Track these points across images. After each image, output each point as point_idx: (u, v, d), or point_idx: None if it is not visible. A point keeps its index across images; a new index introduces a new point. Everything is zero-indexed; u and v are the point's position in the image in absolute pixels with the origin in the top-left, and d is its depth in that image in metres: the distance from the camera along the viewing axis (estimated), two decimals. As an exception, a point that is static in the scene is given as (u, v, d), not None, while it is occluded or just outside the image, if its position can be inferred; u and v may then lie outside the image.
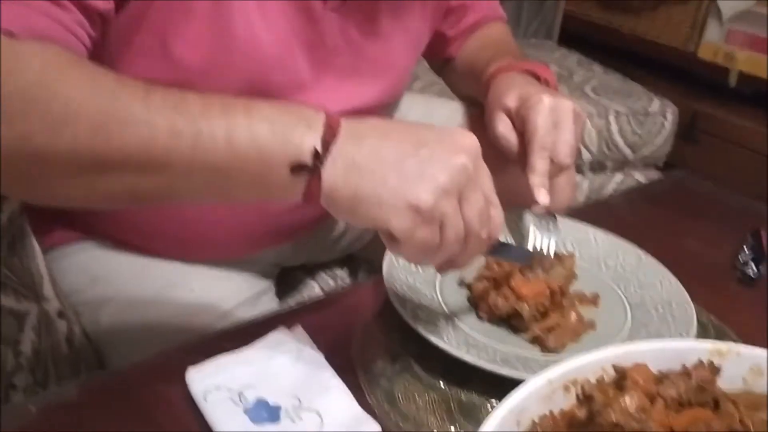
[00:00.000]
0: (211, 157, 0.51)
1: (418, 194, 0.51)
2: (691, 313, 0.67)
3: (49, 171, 0.51)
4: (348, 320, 0.69)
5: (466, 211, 0.54)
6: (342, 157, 0.52)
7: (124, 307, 0.77)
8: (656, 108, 1.66)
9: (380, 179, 0.52)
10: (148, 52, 0.65)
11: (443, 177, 0.52)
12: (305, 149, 0.52)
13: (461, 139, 0.54)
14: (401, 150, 0.53)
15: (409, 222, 0.52)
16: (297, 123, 0.53)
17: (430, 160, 0.52)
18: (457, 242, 0.54)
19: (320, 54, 0.73)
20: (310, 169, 0.52)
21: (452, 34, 0.95)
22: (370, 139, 0.53)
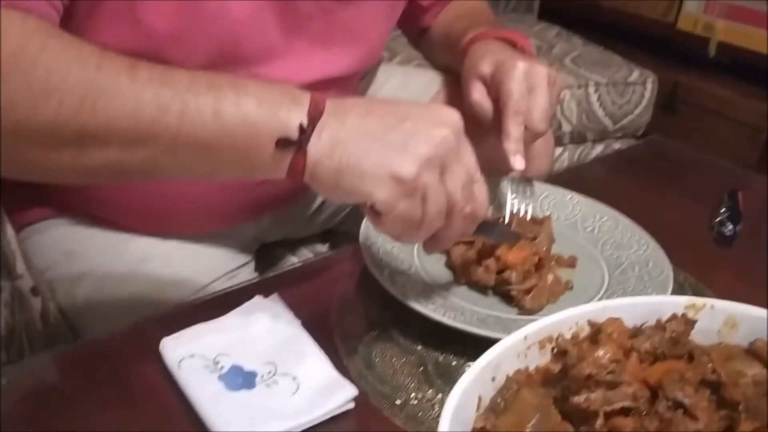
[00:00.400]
0: (198, 131, 0.51)
1: (400, 164, 0.51)
2: (668, 272, 0.67)
3: (31, 143, 0.50)
4: (326, 288, 0.69)
5: (448, 184, 0.53)
6: (327, 132, 0.52)
7: (99, 282, 0.76)
8: (636, 78, 1.66)
9: (363, 151, 0.52)
10: (115, 18, 0.64)
11: (425, 148, 0.52)
12: (291, 124, 0.52)
13: (444, 113, 0.54)
14: (385, 123, 0.53)
15: (391, 193, 0.51)
16: (283, 99, 0.53)
17: (413, 132, 0.52)
18: (440, 216, 0.54)
19: (292, 19, 0.72)
20: (295, 144, 0.52)
21: (427, 4, 0.95)
22: (354, 114, 0.53)
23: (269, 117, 0.52)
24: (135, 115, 0.50)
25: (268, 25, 0.71)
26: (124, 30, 0.65)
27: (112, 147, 0.51)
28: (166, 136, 0.51)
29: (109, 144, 0.51)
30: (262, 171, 0.54)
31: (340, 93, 0.83)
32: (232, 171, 0.55)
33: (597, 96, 1.59)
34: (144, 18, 0.64)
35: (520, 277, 0.65)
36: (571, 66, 1.65)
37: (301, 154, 0.52)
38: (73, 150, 0.51)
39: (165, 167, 0.54)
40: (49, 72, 0.48)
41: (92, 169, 0.53)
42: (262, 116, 0.52)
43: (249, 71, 0.71)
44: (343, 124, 0.53)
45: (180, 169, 0.55)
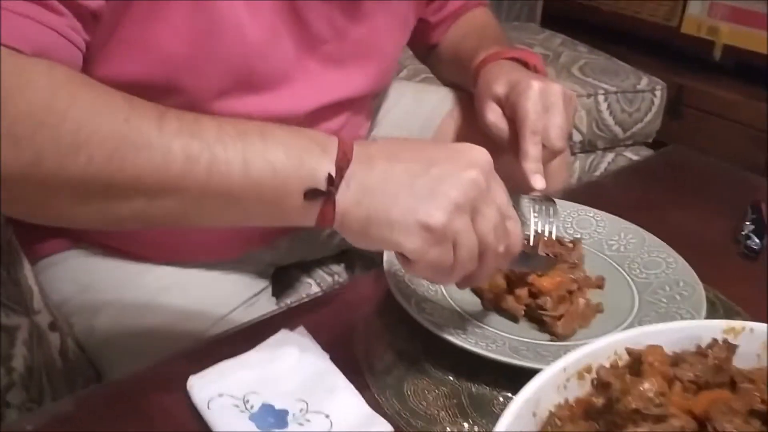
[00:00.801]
0: (226, 183, 0.50)
1: (429, 212, 0.50)
2: (700, 291, 0.66)
3: (58, 196, 0.49)
4: (350, 317, 0.67)
5: (480, 227, 0.52)
6: (354, 181, 0.52)
7: (117, 314, 0.75)
8: (644, 85, 1.64)
9: (391, 200, 0.51)
10: (131, 44, 0.63)
11: (454, 193, 0.51)
12: (320, 175, 0.51)
13: (471, 153, 0.53)
14: (411, 170, 0.52)
15: (421, 242, 0.51)
16: (312, 148, 0.52)
17: (441, 177, 0.51)
18: (472, 260, 0.53)
19: (305, 41, 0.71)
20: (324, 194, 0.51)
21: (435, 21, 0.94)
22: (381, 161, 0.52)
23: (297, 167, 0.51)
24: (163, 168, 0.49)
25: (282, 47, 0.70)
26: (138, 57, 0.64)
27: (140, 199, 0.50)
28: (194, 188, 0.50)
29: (137, 196, 0.50)
30: (290, 220, 0.54)
31: (354, 114, 0.82)
32: (260, 220, 0.55)
33: (606, 104, 1.58)
34: (157, 43, 0.63)
35: (555, 302, 0.64)
36: (578, 75, 1.64)
37: (330, 203, 0.52)
38: (101, 202, 0.50)
39: (192, 217, 0.53)
40: (79, 126, 0.48)
41: (119, 219, 0.52)
42: (290, 167, 0.51)
43: (263, 95, 0.70)
44: (370, 171, 0.52)
45: (207, 219, 0.55)
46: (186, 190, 0.50)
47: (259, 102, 0.70)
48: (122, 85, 0.51)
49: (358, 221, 0.52)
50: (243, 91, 0.69)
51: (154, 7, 0.62)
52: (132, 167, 0.49)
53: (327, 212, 0.52)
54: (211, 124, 0.51)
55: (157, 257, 0.78)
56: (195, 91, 0.66)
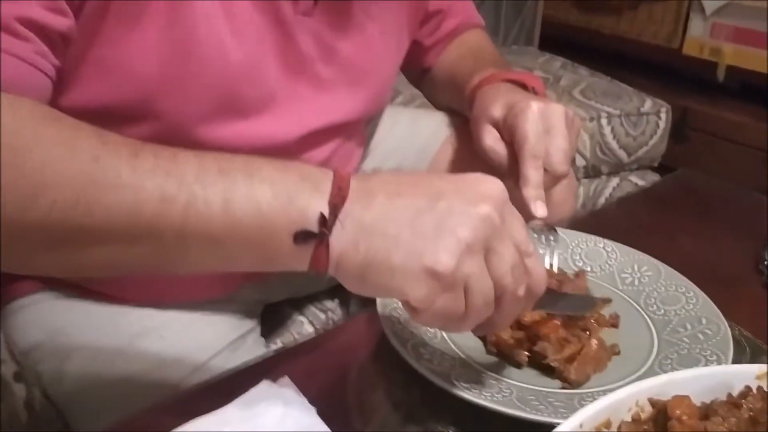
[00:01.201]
0: (206, 225, 0.45)
1: (435, 256, 0.44)
2: (726, 330, 0.60)
3: (21, 243, 0.44)
4: (341, 363, 0.61)
5: (495, 268, 0.47)
6: (351, 221, 0.46)
7: (89, 360, 0.69)
8: (649, 107, 1.60)
9: (392, 242, 0.45)
10: (103, 66, 0.58)
11: (464, 232, 0.45)
12: (311, 215, 0.46)
13: (482, 185, 0.48)
14: (415, 206, 0.46)
15: (427, 289, 0.45)
16: (301, 184, 0.46)
17: (448, 213, 0.45)
18: (487, 305, 0.47)
19: (293, 62, 0.66)
20: (316, 236, 0.46)
21: (429, 43, 0.90)
22: (381, 196, 0.47)
23: (285, 207, 0.45)
24: (135, 211, 0.44)
25: (268, 68, 0.65)
26: (111, 80, 0.59)
27: (111, 245, 0.45)
28: (170, 232, 0.45)
29: (108, 242, 0.45)
30: (280, 265, 0.48)
31: (345, 139, 0.77)
32: (246, 265, 0.49)
33: (610, 128, 1.53)
34: (131, 65, 0.58)
35: (556, 347, 0.58)
36: (580, 98, 1.59)
37: (323, 246, 0.46)
38: (68, 249, 0.45)
39: (170, 263, 0.48)
40: (43, 166, 0.42)
41: (89, 267, 0.47)
42: (277, 206, 0.45)
43: (249, 120, 0.65)
44: (367, 209, 0.46)
45: (187, 265, 0.49)
46: (161, 234, 0.44)
47: (245, 127, 0.65)
48: (95, 110, 0.47)
49: (355, 266, 0.46)
50: (227, 115, 0.64)
51: (127, 25, 0.57)
52: (101, 211, 0.43)
53: (320, 256, 0.46)
54: (190, 161, 0.46)
55: (134, 299, 0.72)
56: (173, 115, 0.61)
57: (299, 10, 0.65)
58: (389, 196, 0.47)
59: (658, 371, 0.57)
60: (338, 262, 0.46)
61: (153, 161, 0.44)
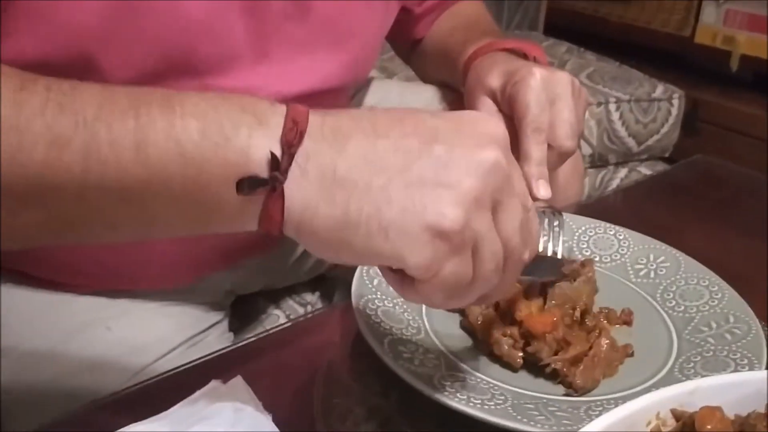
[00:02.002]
0: (113, 175, 0.36)
1: (440, 210, 0.36)
2: (758, 329, 0.52)
3: None
4: (307, 362, 0.53)
5: (504, 226, 0.38)
6: (316, 166, 0.37)
7: (25, 354, 0.61)
8: (660, 93, 1.52)
9: (381, 194, 0.36)
10: (33, 15, 0.50)
11: (470, 182, 0.37)
12: (255, 155, 0.36)
13: (484, 125, 0.39)
14: (405, 149, 0.37)
15: (432, 252, 0.36)
16: (240, 116, 0.37)
17: (449, 159, 0.37)
18: (497, 271, 0.39)
19: (262, 18, 0.58)
20: (265, 183, 0.36)
21: (420, 11, 0.82)
22: (357, 136, 0.37)
23: (219, 147, 0.36)
24: (20, 159, 0.35)
25: (232, 24, 0.56)
26: (43, 31, 0.50)
27: None
28: (68, 186, 0.36)
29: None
30: (221, 223, 0.39)
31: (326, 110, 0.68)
32: (175, 226, 0.40)
33: (619, 114, 1.45)
34: (66, 14, 0.50)
35: (553, 347, 0.49)
36: (587, 82, 1.51)
37: (276, 197, 0.37)
38: None
39: (74, 227, 0.38)
40: None
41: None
42: (208, 147, 0.36)
43: (207, 81, 0.56)
44: (341, 152, 0.37)
45: (96, 229, 0.39)
46: (56, 189, 0.36)
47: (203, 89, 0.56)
48: (26, 65, 0.38)
49: (328, 225, 0.37)
50: (181, 77, 0.56)
51: None
52: None
53: (273, 211, 0.37)
54: (94, 94, 0.37)
55: (80, 285, 0.64)
56: (116, 73, 0.53)
57: (270, -43, 0.57)
58: (367, 137, 0.37)
59: (679, 376, 0.49)
60: (300, 219, 0.37)
61: (44, 95, 0.36)
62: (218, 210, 0.38)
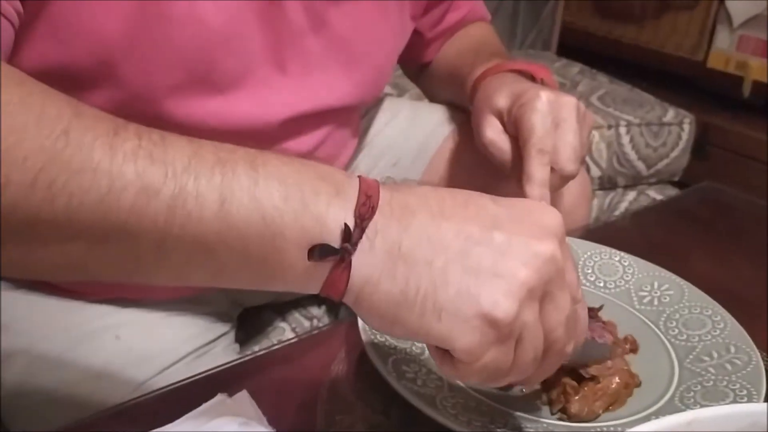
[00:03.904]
0: (195, 227, 0.36)
1: (494, 299, 0.37)
2: (758, 361, 0.52)
3: None
4: (311, 378, 0.54)
5: (549, 319, 0.39)
6: (383, 241, 0.38)
7: (34, 361, 0.62)
8: (671, 117, 1.51)
9: (439, 275, 0.37)
10: (57, 23, 0.51)
11: (527, 274, 0.37)
12: (330, 224, 0.37)
13: (543, 216, 0.40)
14: (466, 233, 0.38)
15: (480, 338, 0.37)
16: (319, 185, 0.38)
17: (507, 248, 0.38)
18: (535, 361, 0.39)
19: (280, 31, 0.59)
20: (336, 253, 0.37)
21: (431, 35, 0.83)
22: (422, 215, 0.38)
23: (297, 212, 0.37)
24: (109, 201, 0.35)
25: (251, 38, 0.57)
26: (66, 37, 0.51)
27: (76, 242, 0.36)
28: (150, 231, 0.36)
29: (72, 238, 0.36)
30: (284, 284, 0.39)
31: (337, 127, 0.69)
32: (241, 280, 0.40)
33: (629, 137, 1.45)
34: (90, 21, 0.51)
35: None
36: (598, 104, 1.51)
37: (344, 268, 0.37)
38: (24, 243, 0.36)
39: (147, 270, 0.39)
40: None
41: (51, 267, 0.38)
42: (288, 210, 0.37)
43: (227, 96, 0.57)
44: (406, 229, 0.38)
45: (167, 274, 0.40)
46: (138, 233, 0.36)
47: (220, 104, 0.58)
48: (46, 73, 0.39)
49: (386, 299, 0.38)
50: (200, 89, 0.56)
51: None
52: (65, 198, 0.34)
53: (338, 279, 0.38)
54: (183, 146, 0.37)
55: (90, 292, 0.65)
56: (137, 84, 0.54)
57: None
58: (433, 217, 0.38)
59: (680, 406, 0.50)
60: (361, 291, 0.38)
61: (136, 142, 0.36)
62: (285, 271, 0.38)
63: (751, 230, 0.84)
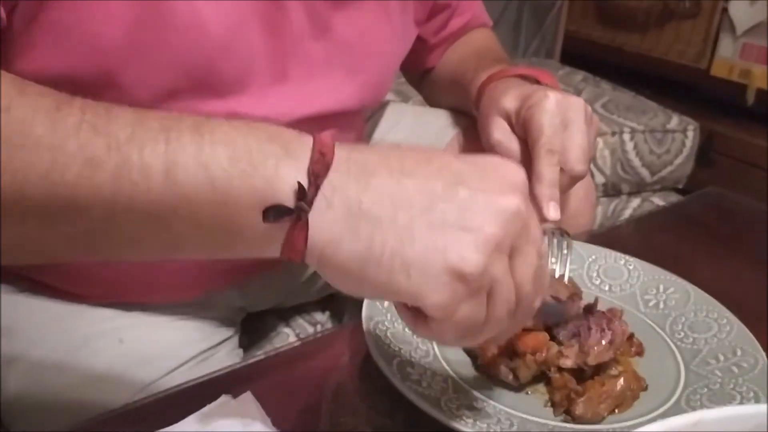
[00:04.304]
0: (142, 197, 0.36)
1: (462, 253, 0.37)
2: (764, 363, 0.51)
3: None
4: (316, 380, 0.53)
5: (519, 273, 0.39)
6: (342, 199, 0.37)
7: (36, 364, 0.62)
8: (675, 124, 1.51)
9: (405, 232, 0.37)
10: (58, 29, 0.51)
11: (493, 227, 0.37)
12: (282, 184, 0.37)
13: (506, 171, 0.40)
14: (430, 190, 0.38)
15: (450, 293, 0.37)
16: (268, 146, 0.38)
17: (472, 203, 0.38)
18: (509, 314, 0.39)
19: (282, 36, 0.59)
20: (290, 212, 0.37)
21: (434, 42, 0.84)
22: (382, 173, 0.38)
23: (246, 174, 0.37)
24: (54, 177, 0.35)
25: (252, 42, 0.57)
26: (66, 44, 0.51)
27: (25, 221, 0.36)
28: (98, 205, 0.36)
29: (21, 217, 0.36)
30: (242, 250, 0.39)
31: (341, 132, 0.68)
32: (198, 249, 0.40)
33: (633, 144, 1.45)
34: (91, 28, 0.51)
35: (533, 368, 0.50)
36: (602, 112, 1.51)
37: (300, 227, 0.37)
38: None
39: (101, 246, 0.39)
40: None
41: (8, 250, 0.38)
42: (236, 174, 0.37)
43: (227, 100, 0.57)
44: (366, 187, 0.38)
45: (122, 248, 0.40)
46: (86, 207, 0.36)
47: (221, 108, 0.58)
48: (47, 80, 0.39)
49: (351, 258, 0.37)
50: (201, 95, 0.56)
51: None
52: (9, 175, 0.35)
53: (297, 240, 0.37)
54: (127, 117, 0.37)
55: (93, 295, 0.65)
56: (138, 90, 0.54)
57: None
58: (393, 174, 0.38)
59: (686, 408, 0.49)
60: (323, 251, 0.38)
61: (79, 116, 0.36)
62: (242, 236, 0.38)
63: (755, 234, 0.83)
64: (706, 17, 1.98)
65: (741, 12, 1.88)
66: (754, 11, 1.85)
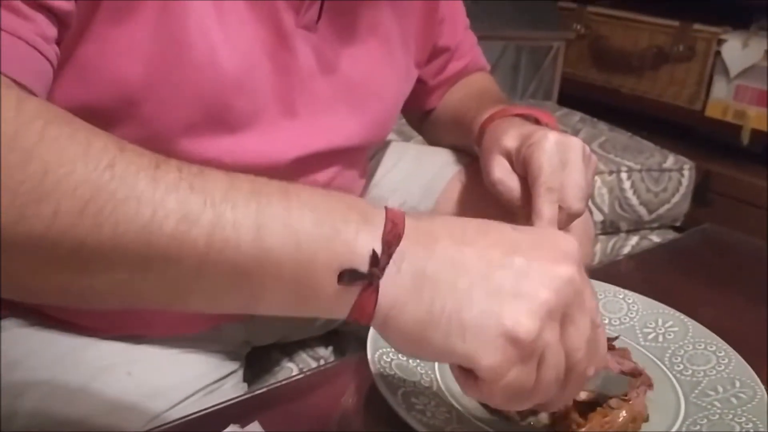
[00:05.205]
0: (232, 254, 0.38)
1: (517, 318, 0.38)
2: (762, 395, 0.52)
3: (15, 258, 0.37)
4: (322, 411, 0.54)
5: (571, 340, 0.40)
6: (408, 265, 0.40)
7: (46, 396, 0.62)
8: (671, 164, 1.54)
9: (464, 296, 0.39)
10: (85, 65, 0.53)
11: (546, 295, 0.39)
12: (359, 250, 0.39)
13: (561, 241, 0.42)
14: (488, 258, 0.40)
15: (503, 357, 0.39)
16: (348, 213, 0.40)
17: (528, 272, 0.40)
18: (556, 382, 0.41)
19: (290, 77, 0.61)
20: (364, 277, 0.39)
21: (434, 83, 0.86)
22: (446, 242, 0.40)
23: (329, 238, 0.39)
24: (152, 230, 0.37)
25: (263, 82, 0.60)
26: (92, 78, 0.54)
27: (121, 269, 0.38)
28: (190, 258, 0.38)
29: (117, 265, 0.38)
30: (315, 309, 0.41)
31: (346, 167, 0.71)
32: (275, 305, 0.42)
33: (630, 183, 1.47)
34: (115, 63, 0.53)
35: None
36: (600, 151, 1.54)
37: (371, 292, 0.39)
38: (70, 270, 0.38)
39: (187, 295, 0.41)
40: (46, 169, 0.35)
41: (92, 294, 0.40)
42: (320, 237, 0.39)
43: (239, 136, 0.60)
44: (431, 254, 0.40)
45: (206, 299, 0.41)
46: (179, 260, 0.37)
47: (232, 143, 0.60)
48: (71, 110, 0.41)
49: (413, 321, 0.39)
50: (214, 128, 0.59)
51: (115, 22, 0.53)
52: (110, 226, 0.36)
53: (366, 302, 0.40)
54: (220, 178, 0.39)
55: (103, 329, 0.66)
56: (156, 123, 0.56)
57: (301, 23, 0.61)
58: (456, 243, 0.40)
59: (686, 439, 0.50)
60: (388, 313, 0.40)
61: (177, 174, 0.38)
62: (317, 296, 0.40)
63: (751, 270, 0.85)
64: (700, 60, 2.03)
65: (734, 55, 1.92)
66: (746, 54, 1.90)
